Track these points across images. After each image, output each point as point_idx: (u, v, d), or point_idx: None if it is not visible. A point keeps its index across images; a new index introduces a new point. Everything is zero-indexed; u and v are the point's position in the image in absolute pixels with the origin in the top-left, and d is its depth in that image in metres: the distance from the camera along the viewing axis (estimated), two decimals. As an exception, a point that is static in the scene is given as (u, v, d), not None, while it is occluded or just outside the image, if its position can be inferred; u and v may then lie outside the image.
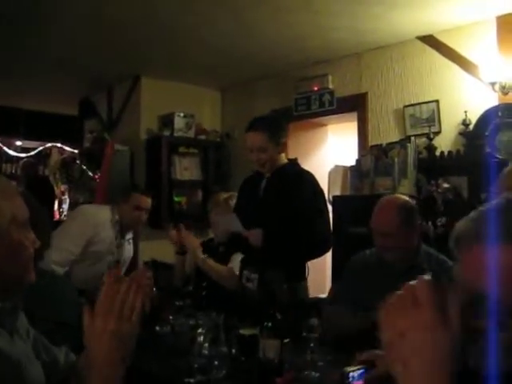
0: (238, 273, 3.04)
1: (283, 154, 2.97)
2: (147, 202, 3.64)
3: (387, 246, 2.40)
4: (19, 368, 1.18)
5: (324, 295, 3.32)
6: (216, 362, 1.98)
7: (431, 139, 3.95)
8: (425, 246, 2.53)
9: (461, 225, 0.95)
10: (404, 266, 2.40)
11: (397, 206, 2.44)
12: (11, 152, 7.42)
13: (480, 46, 3.80)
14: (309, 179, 2.89)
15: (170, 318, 2.68)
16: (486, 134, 3.59)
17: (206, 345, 1.99)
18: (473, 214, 0.95)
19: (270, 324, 1.96)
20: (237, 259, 3.14)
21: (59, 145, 7.50)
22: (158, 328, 2.65)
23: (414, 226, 2.44)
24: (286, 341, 2.01)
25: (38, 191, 5.26)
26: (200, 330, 2.04)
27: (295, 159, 3.06)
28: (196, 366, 1.97)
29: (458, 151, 3.79)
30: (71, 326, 2.42)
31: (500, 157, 3.45)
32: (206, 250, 3.54)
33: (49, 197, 6.78)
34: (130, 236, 3.79)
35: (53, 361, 1.37)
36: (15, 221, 1.21)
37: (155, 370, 2.15)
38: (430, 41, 4.10)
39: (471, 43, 3.87)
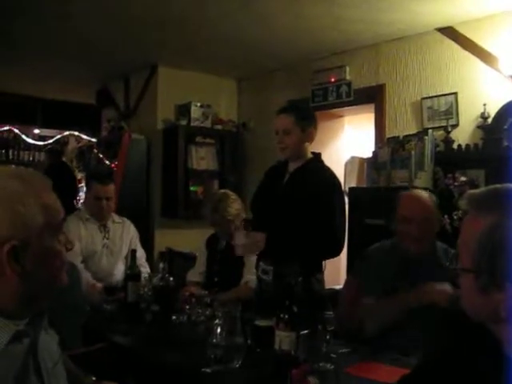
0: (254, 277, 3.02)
1: (308, 147, 2.89)
2: (104, 190, 3.56)
3: (419, 234, 2.36)
4: None
5: (339, 286, 3.32)
6: (232, 353, 2.01)
7: (449, 132, 3.92)
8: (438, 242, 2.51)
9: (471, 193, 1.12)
10: (422, 257, 2.40)
11: (424, 194, 2.52)
12: (29, 140, 7.48)
13: (500, 38, 3.76)
14: (331, 179, 2.83)
15: (187, 307, 2.71)
16: (505, 127, 3.56)
17: (223, 335, 2.01)
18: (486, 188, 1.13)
19: (286, 316, 1.97)
20: (251, 261, 3.12)
21: (76, 133, 7.55)
22: (174, 317, 2.68)
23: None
24: (301, 333, 2.02)
25: (59, 178, 5.20)
26: (217, 321, 2.07)
27: (319, 154, 2.97)
28: (212, 356, 2.00)
29: (475, 145, 3.76)
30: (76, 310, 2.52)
31: (519, 151, 3.42)
32: (210, 245, 3.53)
33: (70, 184, 6.62)
34: (117, 220, 3.72)
35: None
36: (48, 226, 1.13)
37: (171, 360, 2.18)
38: (450, 32, 4.06)
39: (491, 35, 3.82)
